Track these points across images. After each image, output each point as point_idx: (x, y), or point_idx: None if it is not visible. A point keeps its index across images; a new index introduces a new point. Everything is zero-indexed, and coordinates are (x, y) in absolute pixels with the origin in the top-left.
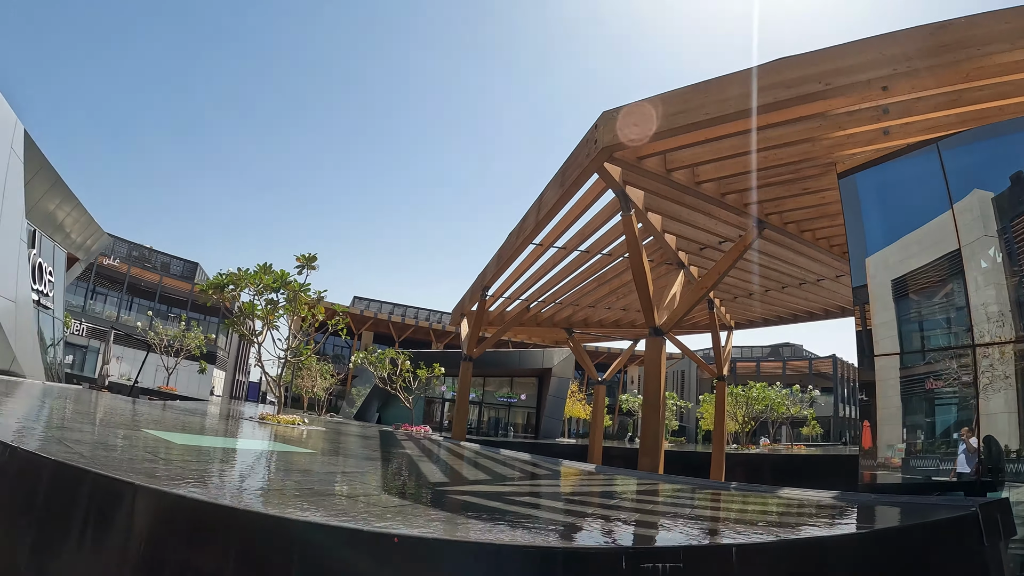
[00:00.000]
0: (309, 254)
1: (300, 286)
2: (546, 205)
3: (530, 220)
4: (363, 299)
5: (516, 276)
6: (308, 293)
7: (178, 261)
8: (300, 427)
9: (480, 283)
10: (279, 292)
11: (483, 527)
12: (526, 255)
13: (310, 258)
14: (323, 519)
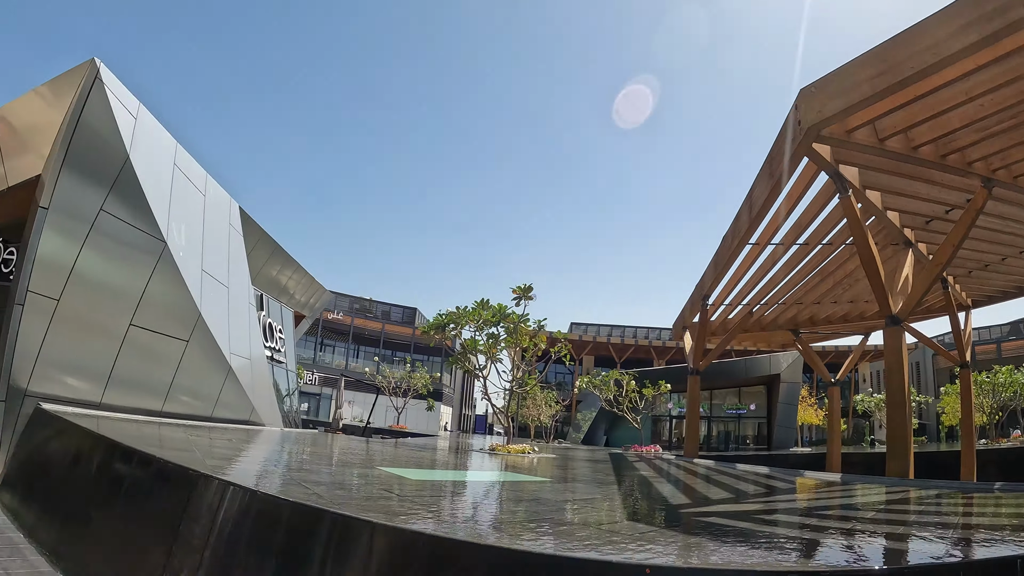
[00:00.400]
0: (525, 285)
1: (519, 317)
2: (757, 201)
3: (743, 220)
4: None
5: (735, 281)
6: (527, 323)
7: (397, 308)
8: (530, 455)
9: (699, 292)
10: (499, 325)
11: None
12: (743, 257)
13: (526, 289)
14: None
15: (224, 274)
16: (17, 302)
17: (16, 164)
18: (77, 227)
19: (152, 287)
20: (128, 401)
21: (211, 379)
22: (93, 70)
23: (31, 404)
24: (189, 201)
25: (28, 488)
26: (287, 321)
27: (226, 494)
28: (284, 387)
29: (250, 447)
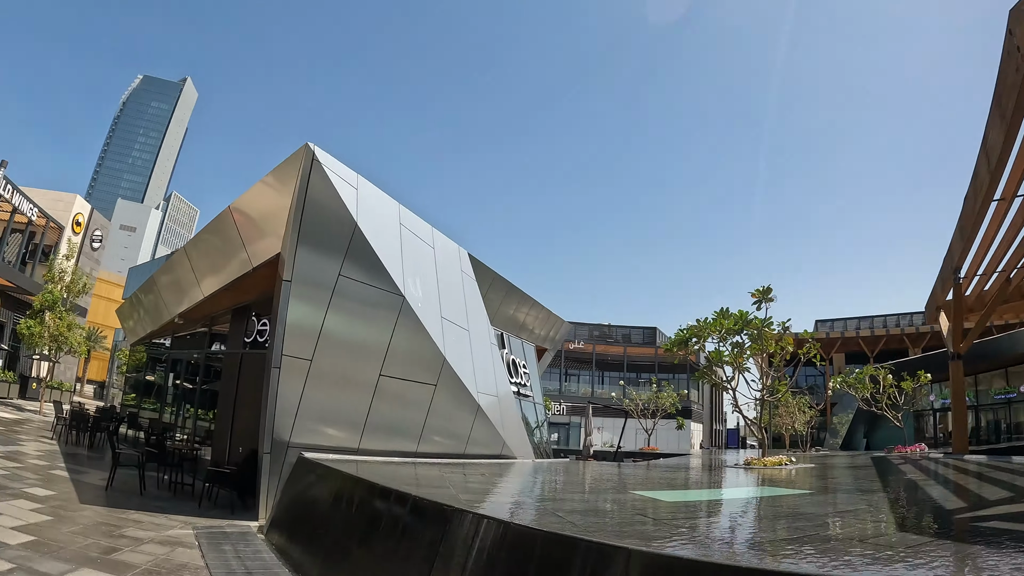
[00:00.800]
0: (764, 287)
1: (761, 322)
2: (993, 149)
3: (982, 174)
4: (826, 321)
5: (986, 246)
6: (771, 327)
7: (637, 330)
8: (787, 467)
9: (948, 266)
10: (742, 333)
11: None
12: (991, 217)
13: (765, 291)
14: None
15: (463, 318)
16: (274, 365)
17: (257, 247)
18: (320, 294)
19: (397, 338)
20: (384, 445)
21: (461, 418)
22: (309, 154)
23: (294, 454)
24: (419, 255)
25: (294, 528)
26: (530, 356)
27: (480, 527)
28: (533, 419)
29: (503, 480)
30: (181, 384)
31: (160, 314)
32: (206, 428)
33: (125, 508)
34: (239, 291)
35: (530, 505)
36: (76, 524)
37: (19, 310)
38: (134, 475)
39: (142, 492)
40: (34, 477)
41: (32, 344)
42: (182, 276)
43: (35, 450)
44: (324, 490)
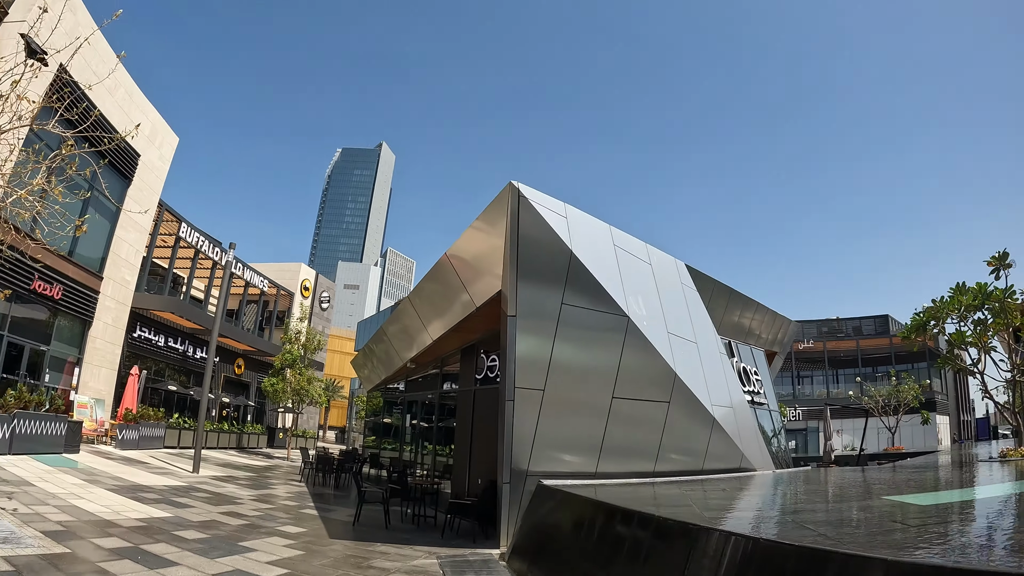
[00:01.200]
0: (1000, 252)
1: (1003, 292)
2: None
3: None
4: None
5: None
6: (1015, 297)
7: (868, 320)
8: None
9: None
10: (983, 308)
11: None
12: None
13: (1002, 257)
14: None
15: (689, 331)
16: (508, 398)
17: (477, 288)
18: (545, 324)
19: (626, 359)
20: (621, 467)
21: (697, 433)
22: (515, 192)
23: (532, 482)
24: (637, 273)
25: (535, 555)
26: (760, 361)
27: (728, 544)
28: (769, 428)
29: (745, 494)
30: (418, 423)
31: (392, 361)
32: (444, 463)
33: (372, 541)
34: (465, 331)
35: (776, 518)
36: (327, 557)
37: (262, 370)
38: (379, 510)
39: (387, 526)
40: (285, 516)
41: (276, 399)
42: (409, 324)
43: (285, 492)
44: (564, 516)
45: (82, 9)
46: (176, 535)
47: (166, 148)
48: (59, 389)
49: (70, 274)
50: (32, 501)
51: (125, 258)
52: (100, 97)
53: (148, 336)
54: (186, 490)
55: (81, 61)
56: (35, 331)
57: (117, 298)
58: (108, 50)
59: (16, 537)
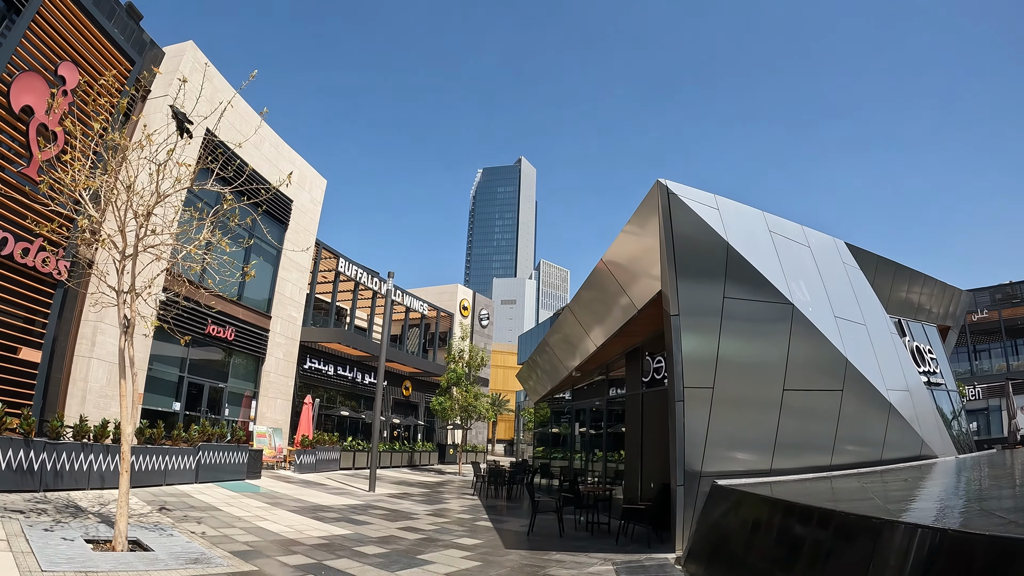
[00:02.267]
0: None
1: None
2: None
3: None
4: None
5: None
6: None
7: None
8: None
9: None
10: None
11: None
12: None
13: None
14: None
15: (856, 313)
16: (677, 399)
17: (636, 291)
18: (709, 320)
19: (794, 348)
20: (796, 462)
21: (873, 421)
22: (664, 190)
23: (706, 483)
24: (797, 257)
25: (712, 557)
26: (933, 338)
27: (914, 537)
28: (948, 410)
29: (927, 483)
30: (586, 431)
31: (557, 371)
32: (615, 469)
33: (546, 550)
34: (627, 335)
35: (963, 507)
36: (503, 567)
37: (428, 390)
38: (552, 519)
39: (561, 534)
40: (460, 529)
41: (445, 416)
42: (571, 333)
43: (459, 506)
44: (740, 516)
45: (218, 76)
46: (357, 551)
47: (316, 191)
48: (239, 421)
49: (241, 316)
50: (219, 524)
51: (290, 296)
52: (248, 153)
53: (318, 366)
54: (364, 508)
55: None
56: (213, 370)
57: (286, 334)
58: (249, 110)
59: (207, 558)
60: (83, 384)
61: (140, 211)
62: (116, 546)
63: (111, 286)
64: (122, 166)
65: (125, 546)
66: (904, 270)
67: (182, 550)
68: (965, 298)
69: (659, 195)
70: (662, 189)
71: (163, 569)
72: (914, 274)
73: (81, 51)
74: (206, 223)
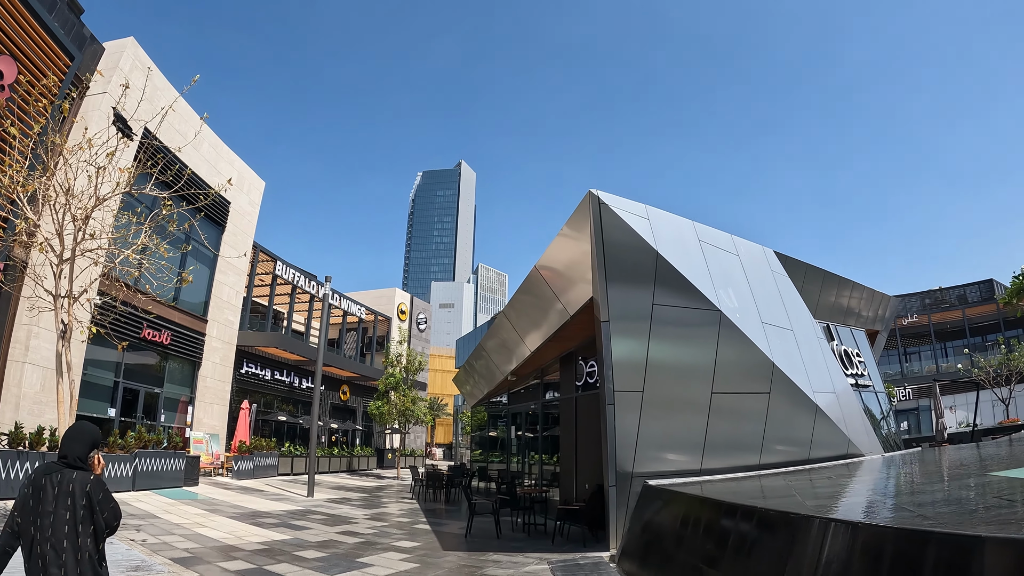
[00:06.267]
0: None
1: None
2: None
3: None
4: None
5: None
6: None
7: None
8: None
9: None
10: None
11: None
12: None
13: None
14: None
15: (784, 319)
16: (608, 402)
17: (570, 296)
18: (639, 326)
19: (722, 353)
20: (726, 462)
21: (801, 422)
22: (595, 199)
23: (638, 483)
24: (726, 266)
25: (645, 555)
26: (862, 342)
27: (828, 531)
28: (876, 411)
29: (851, 481)
30: (522, 434)
31: (493, 375)
32: (551, 471)
33: (484, 551)
34: (562, 340)
35: (879, 503)
36: (441, 568)
37: (366, 394)
38: (489, 521)
39: (498, 536)
40: (399, 532)
41: (383, 421)
42: (507, 337)
43: (397, 509)
44: (671, 514)
45: (158, 75)
46: (297, 555)
47: (254, 193)
48: (174, 427)
49: (177, 320)
50: (158, 532)
51: (227, 300)
52: (186, 154)
53: (255, 371)
54: (303, 513)
55: (166, 124)
56: (148, 375)
57: (223, 338)
58: (189, 110)
59: (147, 565)
60: (16, 390)
61: (79, 215)
62: None
63: (48, 290)
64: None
65: None
66: (832, 277)
67: (123, 558)
68: (894, 303)
69: (590, 205)
70: (593, 199)
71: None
72: (843, 281)
73: (20, 44)
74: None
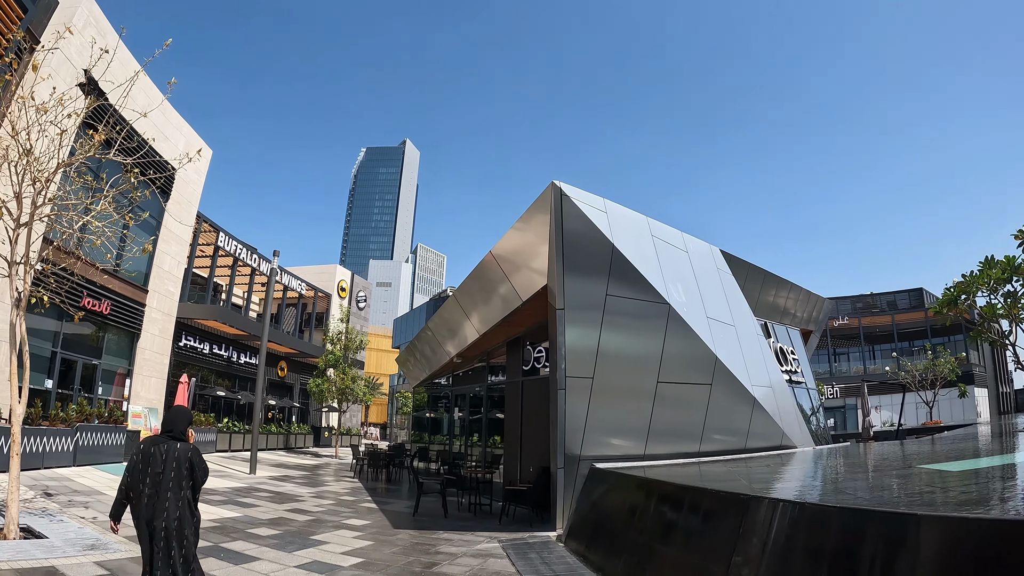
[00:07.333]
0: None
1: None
2: None
3: None
4: None
5: None
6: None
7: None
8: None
9: None
10: (1014, 280)
11: None
12: None
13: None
14: None
15: (727, 315)
16: (560, 388)
17: (523, 284)
18: (592, 315)
19: (669, 345)
20: (668, 449)
21: (739, 413)
22: (557, 191)
23: (585, 466)
24: (675, 262)
25: (592, 534)
26: (796, 341)
27: (776, 510)
28: (807, 406)
29: (787, 469)
30: (465, 416)
31: (438, 356)
32: (493, 453)
33: (434, 529)
34: (510, 325)
35: (819, 488)
36: (395, 546)
37: (304, 371)
38: (435, 501)
39: (446, 515)
40: (347, 510)
41: (321, 399)
42: (455, 320)
43: (340, 488)
44: (618, 496)
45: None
46: (251, 532)
47: (201, 161)
48: (111, 401)
49: (117, 289)
50: (107, 509)
51: (168, 270)
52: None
53: (194, 344)
54: (248, 491)
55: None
56: (86, 346)
57: (163, 309)
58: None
59: (103, 543)
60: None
61: (40, 177)
62: (8, 534)
63: (3, 256)
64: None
65: (18, 534)
66: (772, 277)
67: (76, 536)
68: (828, 305)
69: (552, 195)
70: (556, 190)
71: (62, 556)
72: (781, 281)
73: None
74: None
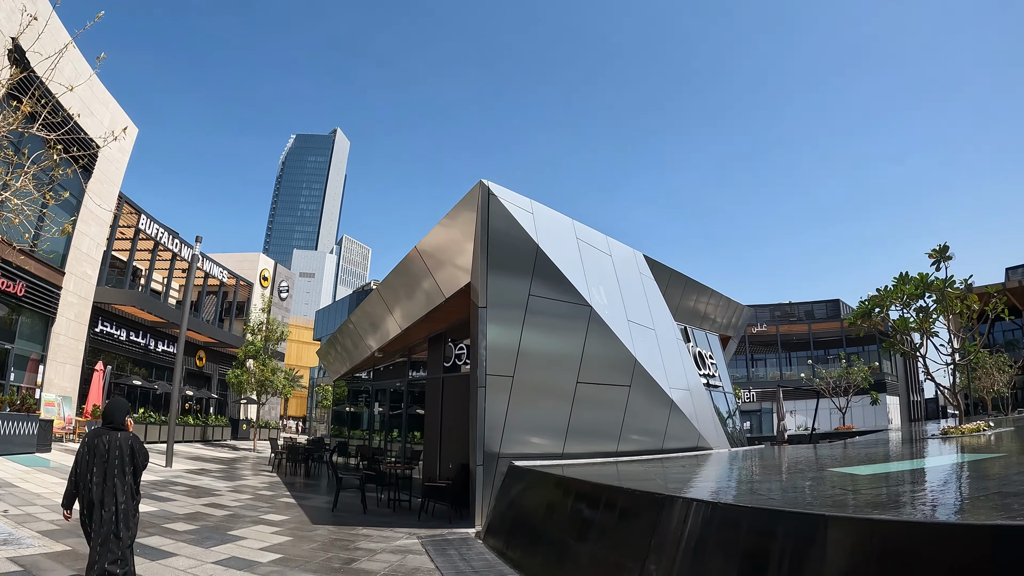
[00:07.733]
0: (941, 246)
1: (943, 283)
2: None
3: None
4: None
5: None
6: (954, 286)
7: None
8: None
9: None
10: (925, 296)
11: None
12: None
13: (942, 250)
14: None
15: (647, 318)
16: (480, 385)
17: (447, 280)
18: (514, 314)
19: (589, 346)
20: (586, 448)
21: (657, 415)
22: (485, 190)
23: (504, 464)
24: (599, 264)
25: (511, 531)
26: (715, 346)
27: (690, 509)
28: (724, 409)
29: (702, 470)
30: (385, 411)
31: (360, 350)
32: (413, 449)
33: (353, 525)
34: (433, 321)
35: (732, 488)
36: (314, 542)
37: (223, 361)
38: (354, 496)
39: (365, 510)
40: (265, 505)
41: (240, 390)
42: (378, 315)
43: (259, 482)
44: (536, 493)
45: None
46: (167, 527)
47: (126, 140)
48: (23, 388)
49: (32, 270)
50: (20, 502)
51: (87, 252)
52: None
53: (110, 331)
54: (164, 484)
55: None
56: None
57: (79, 293)
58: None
59: (16, 538)
60: None
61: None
62: None
63: None
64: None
65: None
66: (693, 283)
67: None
68: (747, 312)
69: (480, 194)
70: (484, 189)
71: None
72: (702, 288)
73: None
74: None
